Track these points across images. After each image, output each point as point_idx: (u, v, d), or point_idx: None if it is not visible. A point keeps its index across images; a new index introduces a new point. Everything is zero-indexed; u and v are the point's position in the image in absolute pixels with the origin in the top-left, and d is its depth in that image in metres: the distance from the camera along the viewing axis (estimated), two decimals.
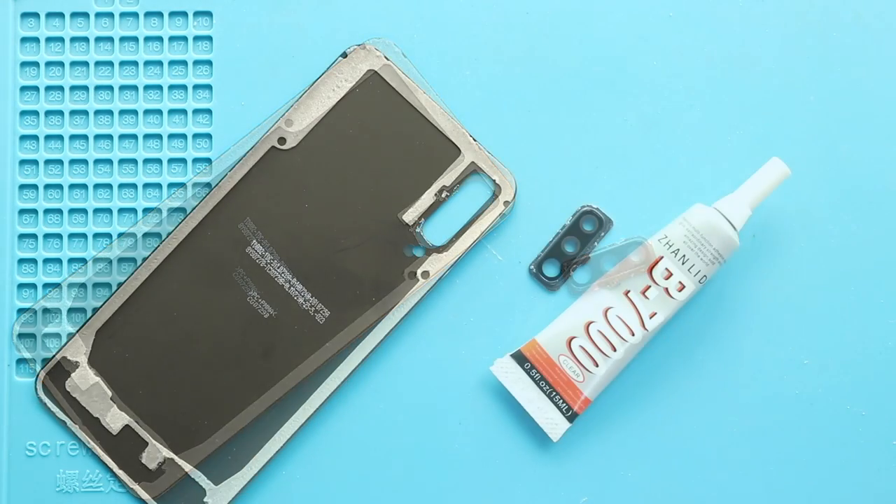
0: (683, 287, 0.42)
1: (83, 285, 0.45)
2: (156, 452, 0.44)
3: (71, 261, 0.45)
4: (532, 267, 0.45)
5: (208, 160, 0.45)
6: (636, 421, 0.44)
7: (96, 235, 0.45)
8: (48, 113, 0.46)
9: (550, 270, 0.45)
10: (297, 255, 0.44)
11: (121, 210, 0.45)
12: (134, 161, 0.45)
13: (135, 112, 0.46)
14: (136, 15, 0.46)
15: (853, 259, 0.45)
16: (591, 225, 0.45)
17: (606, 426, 0.44)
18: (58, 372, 0.45)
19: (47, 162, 0.45)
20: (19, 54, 0.46)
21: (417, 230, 0.44)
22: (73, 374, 0.44)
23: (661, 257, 0.42)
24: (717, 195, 0.43)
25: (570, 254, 0.45)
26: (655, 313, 0.42)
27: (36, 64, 0.46)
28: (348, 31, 0.45)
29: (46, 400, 0.44)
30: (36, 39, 0.46)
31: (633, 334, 0.42)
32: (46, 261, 0.45)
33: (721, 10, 0.45)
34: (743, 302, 0.45)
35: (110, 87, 0.46)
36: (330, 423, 0.45)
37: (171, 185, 0.45)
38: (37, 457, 0.45)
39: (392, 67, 0.45)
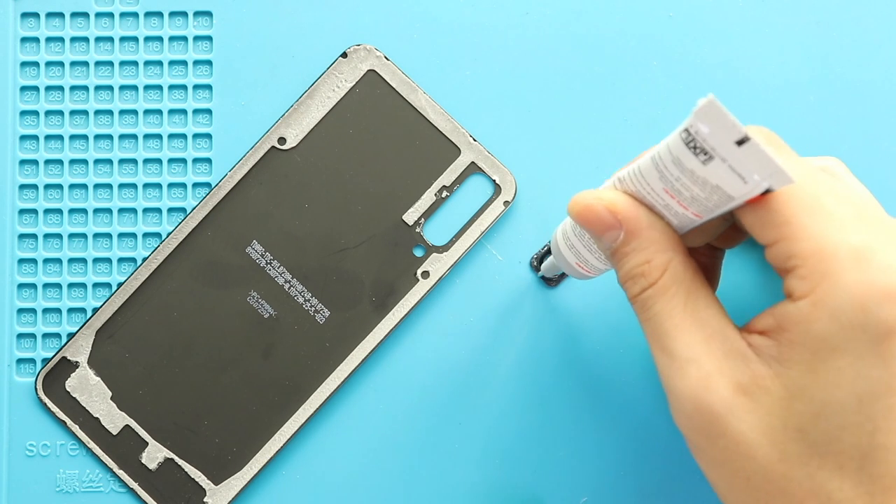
0: None
1: (83, 285, 0.45)
2: (156, 452, 0.44)
3: (71, 261, 0.45)
4: (532, 266, 0.45)
5: (208, 160, 0.45)
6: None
7: (96, 235, 0.45)
8: (48, 113, 0.46)
9: None
10: (297, 255, 0.44)
11: (121, 210, 0.45)
12: (134, 161, 0.45)
13: (135, 112, 0.46)
14: (136, 15, 0.46)
15: None
16: None
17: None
18: (58, 372, 0.44)
19: (47, 162, 0.45)
20: (19, 54, 0.46)
21: (418, 230, 0.44)
22: (73, 374, 0.44)
23: None
24: None
25: None
26: None
27: (36, 64, 0.46)
28: (348, 31, 0.45)
29: (46, 400, 0.44)
30: (36, 39, 0.46)
31: None
32: (46, 261, 0.45)
33: (721, 10, 0.45)
34: (741, 301, 0.45)
35: (110, 87, 0.46)
36: (330, 423, 0.45)
37: (171, 185, 0.45)
38: (37, 457, 0.45)
39: (392, 67, 0.45)
